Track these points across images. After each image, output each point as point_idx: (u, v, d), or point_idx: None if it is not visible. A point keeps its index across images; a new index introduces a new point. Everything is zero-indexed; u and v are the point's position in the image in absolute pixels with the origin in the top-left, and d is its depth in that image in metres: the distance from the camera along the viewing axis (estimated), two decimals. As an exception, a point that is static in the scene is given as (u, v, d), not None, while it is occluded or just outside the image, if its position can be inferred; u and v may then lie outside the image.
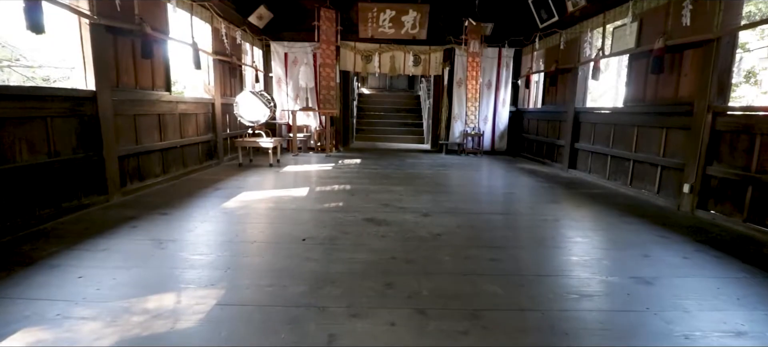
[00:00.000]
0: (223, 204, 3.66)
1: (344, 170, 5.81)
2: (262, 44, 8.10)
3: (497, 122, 8.38)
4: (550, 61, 6.87)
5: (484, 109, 8.28)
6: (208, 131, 5.89)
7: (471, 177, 5.68)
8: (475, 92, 8.04)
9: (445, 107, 8.27)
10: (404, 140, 10.78)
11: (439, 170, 6.03)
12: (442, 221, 3.29)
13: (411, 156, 7.77)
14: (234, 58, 6.47)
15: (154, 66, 4.56)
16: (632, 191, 4.63)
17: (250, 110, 5.85)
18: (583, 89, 6.00)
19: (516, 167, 6.64)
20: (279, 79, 8.15)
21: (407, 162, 6.87)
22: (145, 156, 4.39)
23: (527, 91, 8.05)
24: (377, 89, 15.08)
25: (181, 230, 2.92)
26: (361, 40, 8.11)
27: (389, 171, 5.83)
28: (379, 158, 7.39)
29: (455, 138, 8.32)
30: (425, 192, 4.41)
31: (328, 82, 7.92)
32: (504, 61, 8.17)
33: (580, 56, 5.86)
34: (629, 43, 4.75)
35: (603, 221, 3.46)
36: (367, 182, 4.91)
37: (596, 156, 5.51)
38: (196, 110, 5.56)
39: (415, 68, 8.22)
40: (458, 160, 7.37)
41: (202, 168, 5.60)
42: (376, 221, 3.22)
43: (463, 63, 8.08)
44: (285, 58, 8.06)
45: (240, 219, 3.22)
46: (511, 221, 3.41)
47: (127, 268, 2.24)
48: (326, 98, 7.96)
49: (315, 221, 3.21)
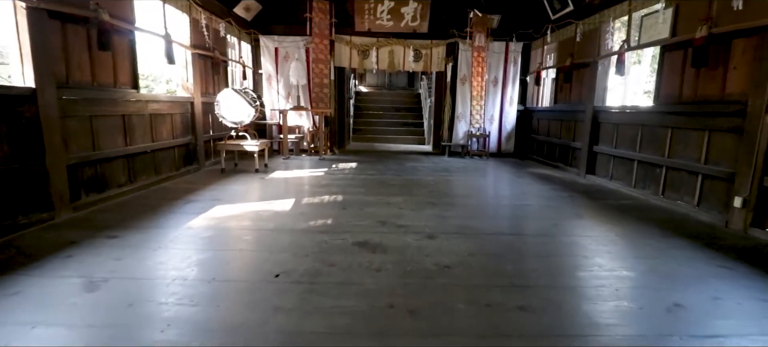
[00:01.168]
0: (189, 223, 3.08)
1: (337, 177, 5.23)
2: (251, 39, 7.51)
3: (504, 122, 7.79)
4: (563, 55, 6.28)
5: (490, 108, 7.69)
6: (186, 133, 5.30)
7: (479, 185, 5.09)
8: (480, 90, 7.44)
9: (448, 106, 7.68)
10: (404, 140, 10.19)
11: (443, 176, 5.44)
12: (450, 245, 2.70)
13: (411, 159, 7.18)
14: (216, 52, 5.88)
15: (117, 60, 3.97)
16: (666, 203, 4.04)
17: (233, 109, 5.25)
18: (603, 86, 5.40)
19: (526, 171, 6.05)
20: (269, 77, 7.55)
21: (407, 166, 6.28)
22: (106, 164, 3.80)
23: (537, 88, 7.45)
24: (375, 86, 14.48)
25: (126, 262, 2.33)
26: (358, 33, 7.51)
27: (387, 177, 5.24)
28: (376, 161, 6.81)
29: (459, 139, 7.73)
30: (428, 204, 3.83)
31: (321, 79, 7.32)
32: (511, 57, 7.58)
33: (600, 49, 5.27)
34: (662, 32, 4.16)
35: (643, 243, 2.87)
36: (362, 192, 4.33)
37: (620, 161, 4.92)
38: (172, 110, 4.96)
39: (415, 64, 7.63)
40: (462, 163, 6.78)
41: (179, 175, 5.01)
42: (370, 247, 2.64)
43: (468, 58, 7.48)
44: (275, 54, 7.46)
45: (204, 245, 2.63)
46: (534, 244, 2.82)
47: (32, 326, 1.66)
48: (319, 96, 7.37)
49: (295, 246, 2.63)
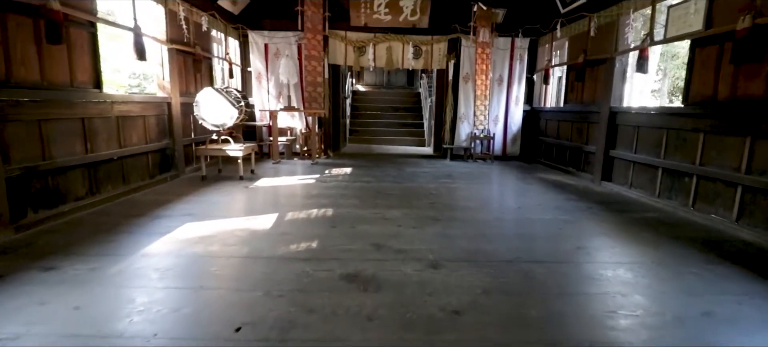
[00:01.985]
0: (146, 248, 2.59)
1: (329, 185, 4.74)
2: (239, 34, 7.01)
3: (509, 123, 7.31)
4: (575, 51, 5.80)
5: (495, 108, 7.21)
6: (162, 137, 4.81)
7: (485, 194, 4.62)
8: (484, 89, 6.96)
9: (450, 106, 7.20)
10: (403, 142, 9.71)
11: (446, 184, 4.96)
12: (460, 279, 2.23)
13: (411, 163, 6.70)
14: (198, 48, 5.38)
15: (74, 56, 3.47)
16: (698, 217, 3.57)
17: (214, 110, 4.76)
18: (620, 85, 4.93)
19: (535, 177, 5.57)
20: (259, 75, 7.06)
21: (406, 172, 5.80)
22: (60, 175, 3.31)
23: (545, 87, 6.98)
24: (373, 85, 13.99)
25: (49, 309, 1.85)
26: (353, 28, 7.02)
27: (384, 186, 4.76)
28: (373, 166, 6.33)
29: (461, 142, 7.25)
30: (430, 220, 3.35)
31: (314, 77, 6.83)
32: (517, 53, 7.10)
33: (618, 44, 4.79)
34: (693, 24, 3.68)
35: (687, 271, 2.40)
36: (355, 204, 3.85)
37: (641, 167, 4.45)
38: (145, 112, 4.47)
39: (415, 61, 7.14)
40: (466, 168, 6.30)
41: (153, 184, 4.52)
42: (361, 281, 2.16)
43: (471, 55, 7.00)
44: (265, 50, 6.97)
45: (155, 281, 2.15)
46: (560, 277, 2.35)
47: None
48: (312, 96, 6.88)
49: (269, 281, 2.15)
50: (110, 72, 11.69)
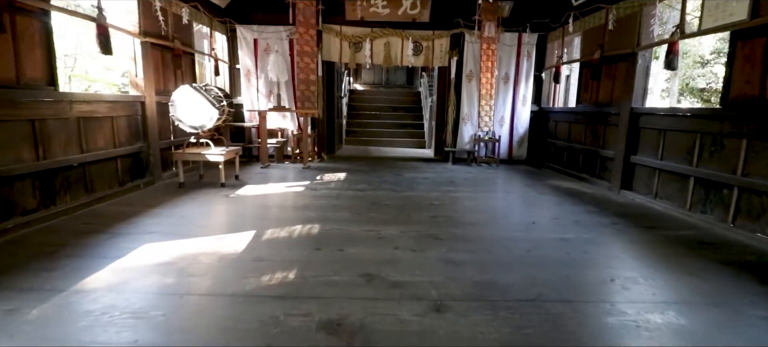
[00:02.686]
0: (86, 280, 2.12)
1: (320, 193, 4.27)
2: (226, 29, 6.53)
3: (516, 124, 6.84)
4: (590, 46, 5.32)
5: (500, 108, 6.73)
6: (134, 140, 4.35)
7: (493, 205, 4.14)
8: (490, 88, 6.49)
9: (452, 106, 6.72)
10: (402, 144, 9.24)
11: (448, 193, 4.49)
12: (471, 328, 1.76)
13: (410, 167, 6.23)
14: (177, 42, 4.91)
15: (22, 48, 3.00)
16: (741, 235, 3.10)
17: (192, 111, 4.29)
18: (642, 83, 4.45)
19: (546, 184, 5.10)
20: (248, 72, 6.59)
21: (405, 177, 5.33)
22: (3, 186, 2.84)
23: (555, 86, 6.51)
24: (371, 84, 13.52)
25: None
26: (349, 23, 6.54)
27: (381, 194, 4.29)
28: (370, 170, 5.85)
29: (464, 144, 6.78)
30: (433, 239, 2.88)
31: (306, 75, 6.36)
32: (525, 50, 6.62)
33: (641, 38, 4.32)
34: (735, 13, 3.20)
35: (753, 315, 1.93)
36: (346, 218, 3.38)
37: (668, 176, 3.98)
38: (113, 112, 4.01)
39: (415, 58, 6.66)
40: (470, 173, 5.83)
41: (123, 192, 4.05)
42: (345, 334, 1.69)
43: (475, 51, 6.52)
44: (255, 46, 6.50)
45: (81, 331, 1.68)
46: (595, 322, 1.88)
47: None
48: (305, 95, 6.40)
49: (226, 333, 1.68)
50: (102, 70, 11.30)
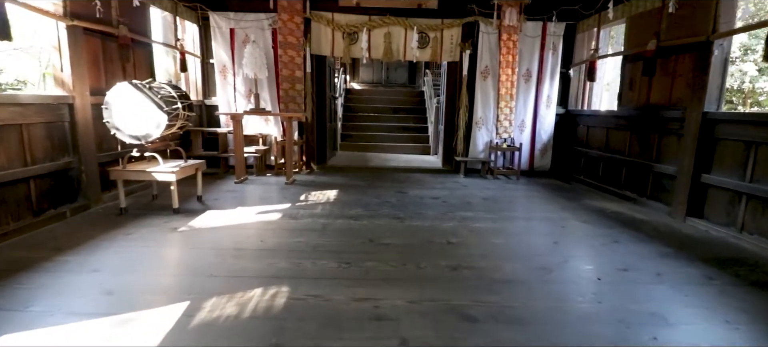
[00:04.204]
0: None
1: (299, 226, 3.26)
2: (197, 16, 5.52)
3: (539, 129, 5.83)
4: (640, 36, 4.31)
5: (521, 111, 5.72)
6: (59, 154, 3.33)
7: (533, 244, 3.11)
8: (510, 87, 5.48)
9: (464, 109, 5.70)
10: (404, 149, 8.23)
11: (467, 222, 3.47)
12: None
13: (415, 181, 5.21)
14: (124, 29, 3.89)
15: None
16: None
17: (132, 116, 3.28)
18: (718, 80, 3.45)
19: (586, 206, 4.09)
20: (224, 68, 5.58)
21: (410, 197, 4.32)
22: None
23: (588, 85, 5.49)
24: (369, 83, 12.50)
25: None
26: (343, 9, 5.53)
27: (380, 225, 3.28)
28: (367, 185, 4.84)
29: (478, 153, 5.77)
30: (460, 319, 1.87)
31: (291, 70, 5.35)
32: (550, 42, 5.61)
33: (718, 23, 3.31)
34: None
35: None
36: (329, 273, 2.37)
37: (761, 205, 2.97)
38: (22, 119, 2.99)
39: (420, 52, 5.65)
40: (488, 189, 4.82)
41: (38, 224, 3.03)
42: None
43: (492, 44, 5.52)
44: (231, 37, 5.48)
45: None
46: None
47: None
48: (289, 95, 5.39)
49: None
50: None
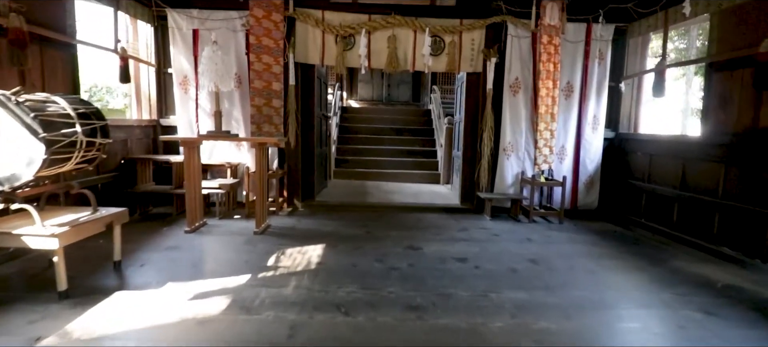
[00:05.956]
0: None
1: (252, 330, 1.97)
2: (152, 14, 4.36)
3: (583, 157, 4.61)
4: (737, 36, 3.15)
5: (560, 135, 4.52)
6: None
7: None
8: (552, 104, 4.29)
9: (489, 131, 4.49)
10: (409, 178, 6.99)
11: (524, 317, 2.18)
12: None
13: (429, 227, 3.94)
14: (20, 19, 2.70)
15: None
16: None
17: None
18: None
19: (676, 272, 2.83)
20: (184, 79, 4.39)
21: (427, 256, 3.05)
22: None
23: (657, 99, 4.30)
24: (368, 100, 11.36)
25: None
26: (335, 6, 4.39)
27: (386, 326, 2.00)
28: (366, 236, 3.57)
29: (507, 187, 4.55)
30: None
31: (266, 82, 4.15)
32: (595, 49, 4.47)
33: None
34: None
35: None
36: None
37: None
38: None
39: (434, 59, 4.48)
40: (530, 242, 3.55)
41: None
42: None
43: (523, 49, 4.38)
44: (195, 41, 4.32)
45: None
46: None
47: None
48: (264, 114, 4.19)
49: None
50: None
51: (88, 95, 12.63)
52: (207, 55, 3.46)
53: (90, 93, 12.39)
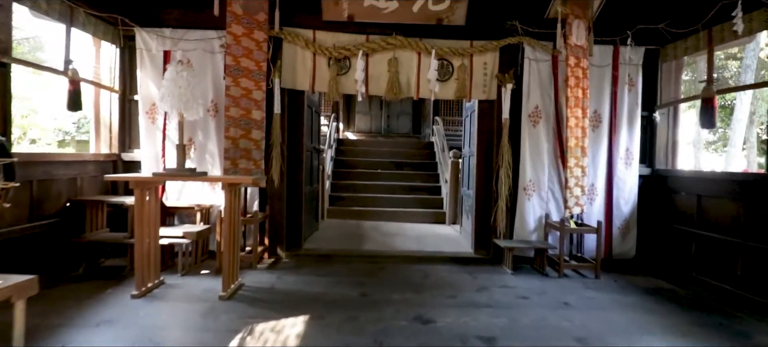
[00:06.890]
0: None
1: None
2: (117, 33, 3.80)
3: (617, 197, 3.96)
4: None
5: (590, 172, 3.88)
6: None
7: None
8: (582, 136, 3.68)
9: (507, 168, 3.84)
10: (412, 217, 6.29)
11: None
12: None
13: (442, 288, 3.20)
14: None
15: None
16: None
17: None
18: None
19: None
20: (152, 107, 3.77)
21: (441, 337, 2.31)
22: None
23: (705, 131, 3.70)
24: (366, 132, 10.78)
25: None
26: (328, 25, 3.84)
27: None
28: (362, 301, 2.83)
29: (529, 233, 3.86)
30: None
31: (245, 110, 3.53)
32: (624, 73, 3.92)
33: None
34: None
35: None
36: None
37: None
38: None
39: (442, 86, 3.90)
40: (568, 309, 2.82)
41: None
42: None
43: (543, 74, 3.83)
44: (165, 63, 3.72)
45: None
46: None
47: None
48: (241, 147, 3.53)
49: None
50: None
51: (76, 126, 11.91)
52: (169, 76, 2.84)
53: (78, 125, 11.67)
